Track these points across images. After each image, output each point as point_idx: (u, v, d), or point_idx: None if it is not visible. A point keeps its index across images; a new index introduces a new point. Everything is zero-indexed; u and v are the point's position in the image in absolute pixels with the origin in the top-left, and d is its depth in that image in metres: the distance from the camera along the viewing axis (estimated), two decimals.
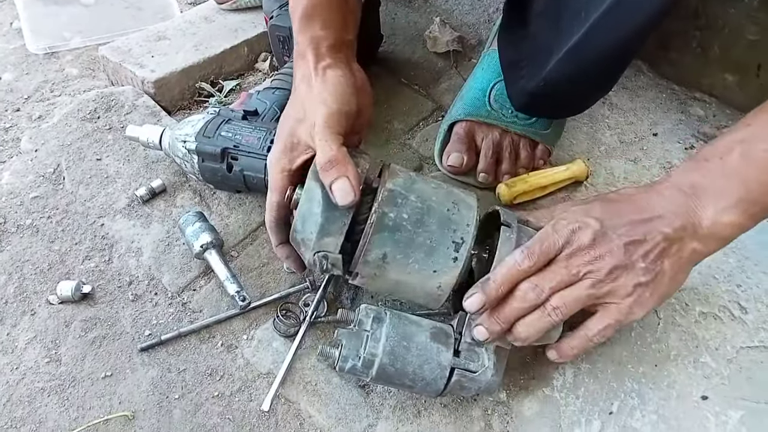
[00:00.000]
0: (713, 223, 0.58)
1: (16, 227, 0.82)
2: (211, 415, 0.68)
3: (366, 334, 0.62)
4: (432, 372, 0.61)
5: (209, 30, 1.08)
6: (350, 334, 0.63)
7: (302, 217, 0.61)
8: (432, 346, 0.62)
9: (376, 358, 0.61)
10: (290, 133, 0.64)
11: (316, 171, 0.61)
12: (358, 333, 0.62)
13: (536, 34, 0.80)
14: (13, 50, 1.13)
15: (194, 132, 0.80)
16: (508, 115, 0.87)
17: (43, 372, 0.70)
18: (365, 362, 0.61)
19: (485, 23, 1.14)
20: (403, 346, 0.61)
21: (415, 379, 0.61)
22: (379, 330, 0.62)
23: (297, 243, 0.64)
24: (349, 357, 0.61)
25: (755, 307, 0.75)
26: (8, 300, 0.76)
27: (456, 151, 0.86)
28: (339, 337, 0.62)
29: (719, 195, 0.58)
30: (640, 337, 0.73)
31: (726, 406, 0.68)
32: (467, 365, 0.62)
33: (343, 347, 0.62)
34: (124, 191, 0.87)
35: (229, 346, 0.73)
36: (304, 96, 0.65)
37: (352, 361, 0.61)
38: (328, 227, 0.60)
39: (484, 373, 0.62)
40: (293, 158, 0.64)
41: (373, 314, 0.63)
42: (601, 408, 0.68)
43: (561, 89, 0.78)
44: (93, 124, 0.94)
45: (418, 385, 0.62)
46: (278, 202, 0.65)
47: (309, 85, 0.65)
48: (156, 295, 0.77)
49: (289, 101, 0.68)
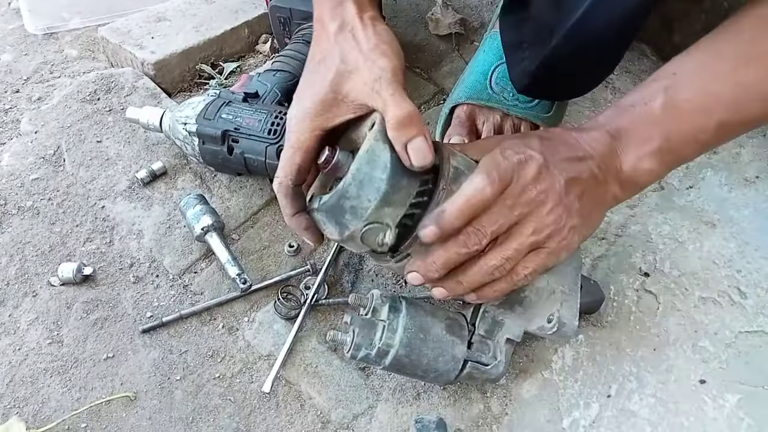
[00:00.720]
0: (633, 169, 0.59)
1: (16, 209, 0.82)
2: (212, 396, 0.68)
3: (382, 324, 0.61)
4: (446, 364, 0.61)
5: (209, 11, 1.07)
6: (363, 321, 0.61)
7: (358, 182, 0.53)
8: (447, 339, 0.62)
9: (392, 348, 0.60)
10: (333, 88, 0.56)
11: (382, 131, 0.53)
12: (371, 321, 0.61)
13: (537, 15, 0.80)
14: (12, 30, 1.12)
15: (195, 114, 0.79)
16: (510, 99, 0.86)
17: (46, 353, 0.71)
18: (380, 352, 0.60)
19: (488, 5, 1.13)
20: (420, 338, 0.61)
21: (428, 370, 0.62)
22: (396, 320, 0.61)
23: (338, 211, 0.55)
24: (362, 345, 0.61)
25: (755, 292, 0.75)
26: (10, 281, 0.76)
27: (457, 134, 0.86)
28: (352, 325, 0.61)
29: (641, 142, 0.58)
30: (638, 321, 0.74)
31: (723, 389, 0.68)
32: (479, 358, 0.62)
33: (356, 335, 0.61)
34: (125, 173, 0.86)
35: (230, 328, 0.74)
36: (350, 47, 0.56)
37: (366, 350, 0.61)
38: (392, 196, 0.53)
39: (496, 367, 0.63)
40: (334, 116, 0.56)
41: (389, 303, 0.62)
42: (600, 391, 0.69)
43: (563, 69, 0.77)
44: (93, 105, 0.94)
45: (430, 375, 0.62)
46: (302, 165, 0.57)
47: (355, 35, 0.57)
48: (157, 277, 0.77)
49: (315, 54, 0.60)
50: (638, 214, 0.84)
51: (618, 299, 0.76)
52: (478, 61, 0.91)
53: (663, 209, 0.84)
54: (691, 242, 0.80)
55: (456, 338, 0.62)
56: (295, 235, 0.81)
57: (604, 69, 0.85)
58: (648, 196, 0.85)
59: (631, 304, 0.75)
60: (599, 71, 0.85)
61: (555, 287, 0.63)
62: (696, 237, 0.81)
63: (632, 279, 0.77)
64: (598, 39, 0.72)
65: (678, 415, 0.67)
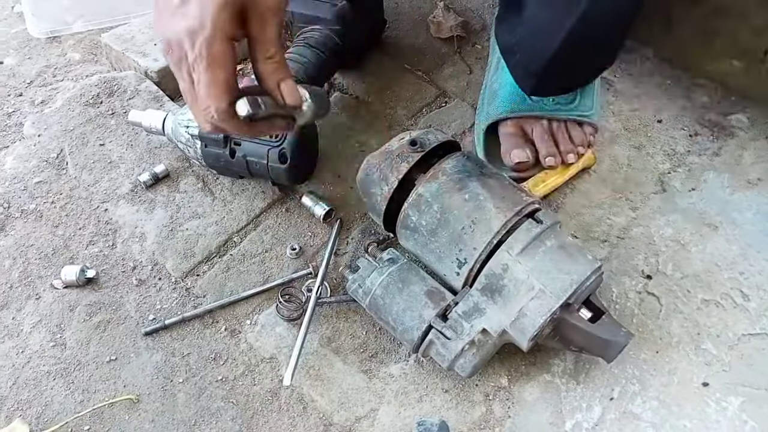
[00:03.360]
0: None
1: (20, 212, 0.83)
2: (215, 399, 0.68)
3: (377, 267, 0.69)
4: (412, 320, 0.66)
5: None
6: (368, 264, 0.70)
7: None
8: (422, 299, 0.66)
9: (373, 287, 0.68)
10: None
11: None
12: (372, 264, 0.70)
13: (531, 18, 0.80)
14: (15, 34, 1.12)
15: None
16: (551, 104, 0.86)
17: (49, 355, 0.71)
18: (365, 289, 0.69)
19: (489, 8, 1.13)
20: (397, 287, 0.67)
21: (397, 320, 0.67)
22: (386, 268, 0.69)
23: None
24: (357, 281, 0.69)
25: (757, 295, 0.75)
26: (13, 284, 0.76)
27: (516, 148, 0.85)
28: (358, 263, 0.71)
29: None
30: (641, 323, 0.73)
31: (726, 392, 0.68)
32: (445, 331, 0.64)
33: (357, 272, 0.70)
34: (128, 176, 0.87)
35: (233, 330, 0.74)
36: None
37: (358, 284, 0.69)
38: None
39: (456, 343, 0.63)
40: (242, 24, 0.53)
41: (391, 255, 0.71)
42: (602, 394, 0.68)
43: (566, 65, 0.78)
44: (96, 109, 0.94)
45: (398, 328, 0.67)
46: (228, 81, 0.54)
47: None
48: (160, 280, 0.77)
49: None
50: (640, 217, 0.83)
51: (620, 302, 0.76)
52: (506, 74, 0.89)
53: (665, 211, 0.84)
54: (693, 244, 0.80)
55: (430, 302, 0.66)
56: (298, 238, 0.81)
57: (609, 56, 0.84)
58: (650, 199, 0.85)
59: (634, 306, 0.75)
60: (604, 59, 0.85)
61: (535, 284, 0.62)
62: (698, 239, 0.81)
63: (635, 281, 0.77)
64: (598, 33, 0.72)
65: (681, 417, 0.67)
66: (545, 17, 0.76)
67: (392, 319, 0.67)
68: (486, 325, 0.64)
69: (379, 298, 0.68)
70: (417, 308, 0.66)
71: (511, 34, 0.84)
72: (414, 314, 0.66)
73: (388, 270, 0.69)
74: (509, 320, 0.63)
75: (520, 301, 0.63)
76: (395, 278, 0.68)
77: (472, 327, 0.64)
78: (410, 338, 0.66)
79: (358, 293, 0.70)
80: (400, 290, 0.67)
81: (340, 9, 0.93)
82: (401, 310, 0.66)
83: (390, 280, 0.68)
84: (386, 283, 0.68)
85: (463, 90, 1.00)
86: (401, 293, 0.67)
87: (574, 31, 0.72)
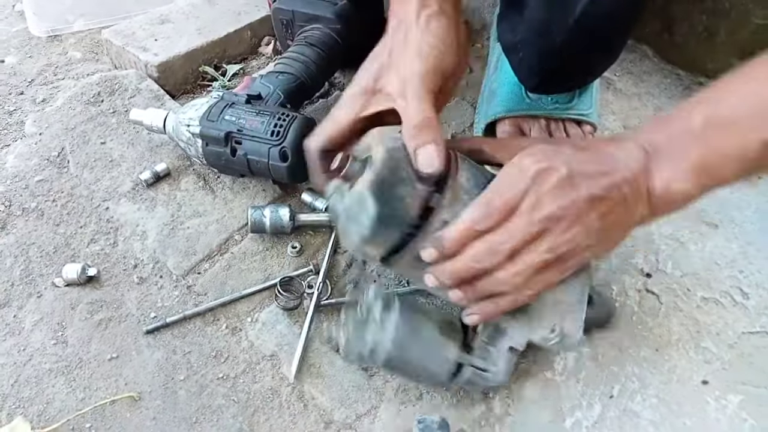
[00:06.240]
0: (666, 190, 0.54)
1: (21, 210, 0.83)
2: (216, 396, 0.69)
3: (374, 323, 0.61)
4: (438, 366, 0.62)
5: (212, 13, 1.08)
6: (357, 321, 0.62)
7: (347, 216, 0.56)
8: (439, 340, 0.62)
9: (383, 348, 0.60)
10: (374, 79, 0.59)
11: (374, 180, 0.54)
12: (365, 320, 0.61)
13: (533, 16, 0.80)
14: (16, 33, 1.13)
15: (198, 116, 0.80)
16: (549, 104, 0.86)
17: (50, 353, 0.71)
18: (372, 352, 0.61)
19: (489, 7, 1.13)
20: (411, 338, 0.61)
21: (420, 370, 0.62)
22: (387, 319, 0.61)
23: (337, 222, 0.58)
24: (355, 346, 0.61)
25: (757, 293, 0.75)
26: (14, 282, 0.76)
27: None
28: (346, 323, 0.62)
29: (677, 158, 0.53)
30: (641, 321, 0.74)
31: (726, 390, 0.68)
32: (479, 363, 0.62)
33: (349, 335, 0.61)
34: (129, 175, 0.87)
35: (234, 328, 0.74)
36: (398, 43, 0.59)
37: (359, 350, 0.61)
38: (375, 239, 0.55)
39: (495, 375, 0.62)
40: (369, 104, 0.59)
41: (382, 302, 0.61)
42: (602, 391, 0.69)
43: (569, 62, 0.78)
44: (97, 107, 0.94)
45: (423, 376, 0.63)
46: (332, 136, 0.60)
47: (406, 33, 0.58)
48: (161, 278, 0.77)
49: (377, 46, 0.62)
50: None
51: (620, 300, 0.76)
52: (506, 72, 0.89)
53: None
54: (693, 243, 0.81)
55: (448, 339, 0.62)
56: (298, 236, 0.81)
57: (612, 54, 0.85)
58: None
59: (634, 304, 0.75)
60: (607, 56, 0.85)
61: (560, 298, 0.61)
62: (698, 237, 0.81)
63: (634, 279, 0.77)
64: (600, 30, 0.73)
65: (680, 416, 0.67)
66: (546, 15, 0.76)
67: (414, 370, 0.63)
68: (511, 343, 0.62)
69: (396, 357, 0.61)
70: (439, 352, 0.61)
71: (512, 32, 0.84)
72: (438, 359, 0.61)
73: (392, 322, 0.60)
74: (534, 335, 0.62)
75: (547, 317, 0.61)
76: (406, 329, 0.61)
77: (499, 350, 0.62)
78: (440, 381, 0.63)
79: (363, 358, 0.62)
80: (415, 340, 0.61)
81: (340, 8, 0.93)
82: (423, 359, 0.61)
83: (402, 335, 0.60)
84: (399, 340, 0.60)
85: (462, 89, 1.00)
86: (417, 343, 0.61)
87: (575, 29, 0.72)
